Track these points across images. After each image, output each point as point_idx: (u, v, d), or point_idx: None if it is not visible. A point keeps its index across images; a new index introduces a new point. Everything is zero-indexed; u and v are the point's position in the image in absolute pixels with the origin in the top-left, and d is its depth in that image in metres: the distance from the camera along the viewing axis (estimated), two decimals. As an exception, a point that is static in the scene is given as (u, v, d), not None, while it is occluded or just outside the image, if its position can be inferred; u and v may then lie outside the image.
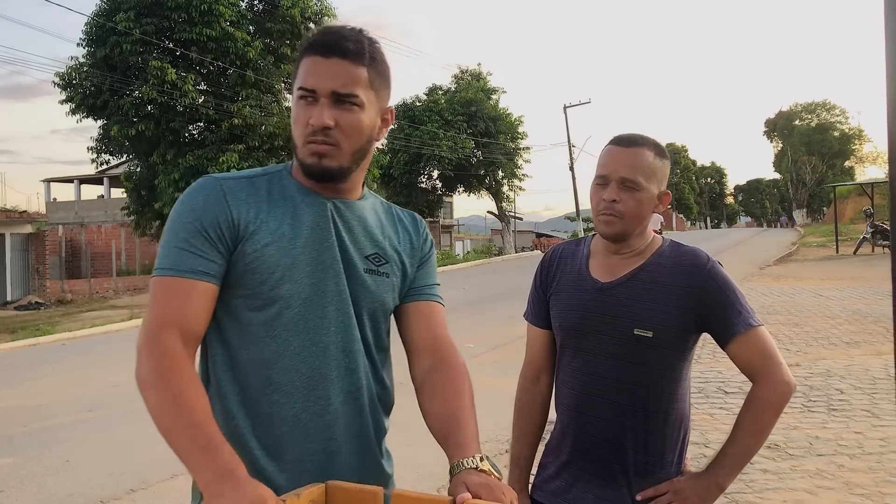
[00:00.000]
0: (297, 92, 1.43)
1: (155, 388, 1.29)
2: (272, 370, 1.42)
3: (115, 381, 8.82)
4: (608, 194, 1.79)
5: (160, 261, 1.38)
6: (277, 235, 1.42)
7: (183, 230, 1.37)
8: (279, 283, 1.41)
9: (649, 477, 1.80)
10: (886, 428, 5.24)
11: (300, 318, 1.43)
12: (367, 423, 1.54)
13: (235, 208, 1.40)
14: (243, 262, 1.40)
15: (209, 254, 1.37)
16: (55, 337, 14.21)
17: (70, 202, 38.22)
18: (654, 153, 1.81)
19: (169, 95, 21.04)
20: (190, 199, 1.41)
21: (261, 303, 1.41)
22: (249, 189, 1.44)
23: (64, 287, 26.09)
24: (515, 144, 40.42)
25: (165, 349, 1.31)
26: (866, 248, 22.88)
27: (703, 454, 4.72)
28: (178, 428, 1.24)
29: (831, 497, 4.12)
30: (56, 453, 5.91)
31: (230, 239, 1.39)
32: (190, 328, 1.35)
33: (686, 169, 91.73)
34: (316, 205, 1.47)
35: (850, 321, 10.11)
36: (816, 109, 79.76)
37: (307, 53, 1.44)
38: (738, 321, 1.74)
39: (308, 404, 1.44)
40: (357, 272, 1.50)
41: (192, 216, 1.38)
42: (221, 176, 1.46)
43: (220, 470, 1.19)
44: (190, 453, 1.22)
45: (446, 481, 4.31)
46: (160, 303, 1.35)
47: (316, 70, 1.41)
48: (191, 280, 1.35)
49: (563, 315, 1.90)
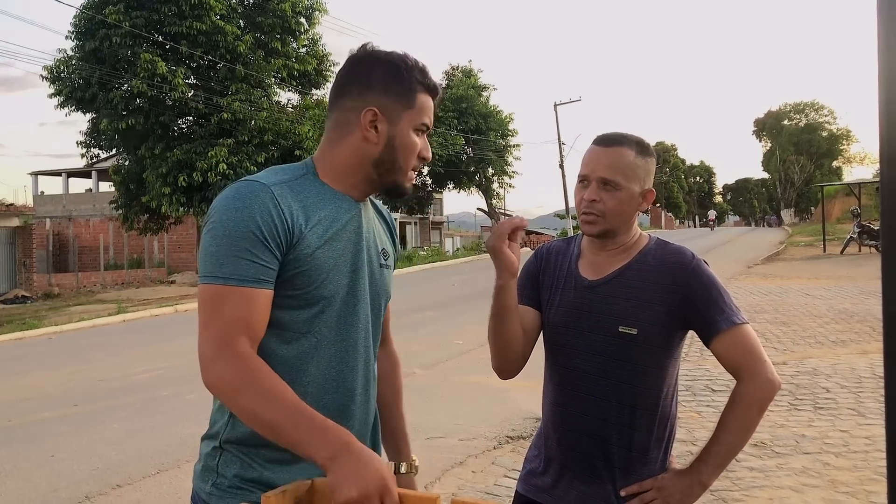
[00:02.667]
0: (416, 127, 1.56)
1: (246, 389, 1.36)
2: (309, 364, 1.50)
3: (102, 376, 8.79)
4: (588, 194, 1.81)
5: (220, 268, 1.40)
6: (324, 240, 1.48)
7: (243, 239, 1.40)
8: (324, 284, 1.48)
9: (634, 473, 1.81)
10: (872, 426, 5.27)
11: (338, 315, 1.52)
12: (373, 413, 1.65)
13: (288, 215, 1.44)
14: (294, 266, 1.45)
15: (269, 262, 1.41)
16: (42, 331, 14.12)
17: (58, 195, 37.99)
18: (635, 152, 1.82)
19: (158, 89, 20.93)
20: (244, 206, 1.42)
21: (305, 302, 1.48)
22: (293, 194, 1.48)
23: (51, 281, 25.92)
24: (506, 141, 40.49)
25: (243, 354, 1.38)
26: (853, 248, 23.02)
27: (689, 451, 4.73)
28: (283, 418, 1.33)
29: (817, 495, 4.14)
30: (41, 448, 5.87)
31: (285, 244, 1.43)
32: (256, 334, 1.42)
33: (675, 168, 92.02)
34: (352, 209, 1.55)
35: (837, 320, 10.17)
36: (805, 109, 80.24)
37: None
38: (722, 319, 1.75)
39: (336, 396, 1.53)
40: (375, 269, 1.62)
41: (250, 224, 1.40)
42: (267, 180, 1.47)
43: (335, 445, 1.30)
44: (301, 437, 1.32)
45: (432, 477, 4.32)
46: (227, 311, 1.39)
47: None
48: (255, 289, 1.40)
49: (552, 312, 1.91)
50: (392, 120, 1.52)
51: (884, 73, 0.82)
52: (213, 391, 1.41)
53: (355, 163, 1.54)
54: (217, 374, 1.38)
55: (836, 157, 76.22)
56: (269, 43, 23.42)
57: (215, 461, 1.49)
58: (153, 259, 32.05)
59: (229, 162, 20.93)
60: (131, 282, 28.08)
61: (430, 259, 33.26)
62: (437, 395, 7.00)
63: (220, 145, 21.38)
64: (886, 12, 0.82)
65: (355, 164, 1.54)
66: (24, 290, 23.57)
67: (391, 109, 1.52)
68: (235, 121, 21.94)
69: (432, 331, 10.86)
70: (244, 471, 1.46)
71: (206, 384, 1.40)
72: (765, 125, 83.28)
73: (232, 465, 1.47)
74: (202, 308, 1.42)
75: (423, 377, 7.80)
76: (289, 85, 24.58)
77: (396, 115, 1.52)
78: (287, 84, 24.53)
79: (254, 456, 1.46)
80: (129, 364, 9.55)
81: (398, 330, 1.85)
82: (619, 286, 1.83)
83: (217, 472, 1.48)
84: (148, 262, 31.55)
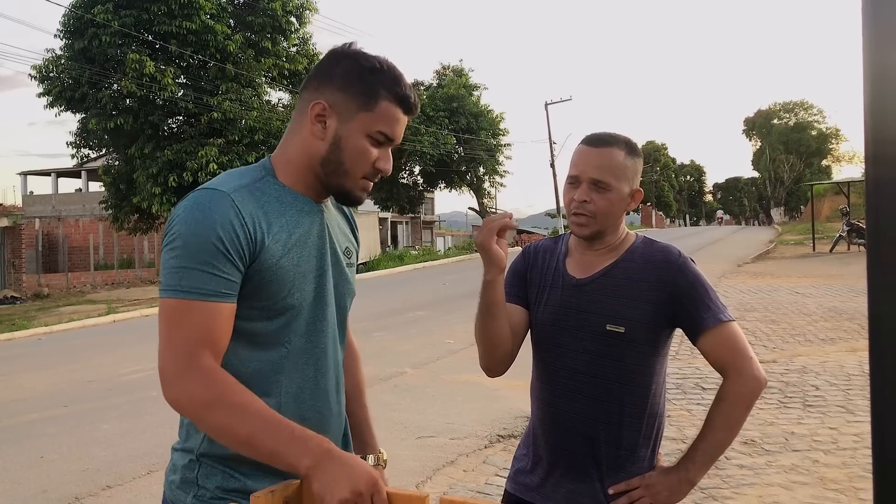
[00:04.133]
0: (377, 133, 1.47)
1: (217, 404, 1.32)
2: (281, 374, 1.46)
3: (92, 377, 8.75)
4: (579, 195, 1.81)
5: (180, 281, 1.34)
6: (288, 248, 1.43)
7: (203, 251, 1.34)
8: (291, 293, 1.44)
9: (622, 471, 1.82)
10: (860, 424, 5.30)
11: (307, 323, 1.48)
12: (344, 416, 1.62)
13: (250, 223, 1.38)
14: (259, 277, 1.40)
15: (231, 274, 1.36)
16: (31, 331, 14.06)
17: (47, 195, 37.81)
18: (624, 152, 1.82)
19: (148, 89, 20.86)
20: (204, 217, 1.36)
21: (273, 312, 1.43)
22: (254, 200, 1.42)
23: (40, 281, 25.81)
24: (497, 141, 40.48)
25: (209, 368, 1.34)
26: (842, 247, 23.12)
27: (679, 449, 4.75)
28: (259, 431, 1.30)
29: (806, 492, 4.16)
30: (30, 449, 5.84)
31: (248, 255, 1.38)
32: (219, 348, 1.37)
33: (665, 167, 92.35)
34: (313, 212, 1.51)
35: (826, 318, 10.22)
36: (794, 109, 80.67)
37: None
38: (708, 316, 1.75)
39: (312, 404, 1.50)
40: (342, 269, 1.58)
41: (211, 235, 1.34)
42: (227, 187, 1.41)
43: (316, 453, 1.28)
44: (280, 449, 1.29)
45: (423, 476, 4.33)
46: (189, 325, 1.34)
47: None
48: (216, 303, 1.35)
49: (539, 311, 1.91)
50: (343, 118, 1.45)
51: (869, 72, 0.83)
52: (179, 409, 1.35)
53: (305, 160, 1.48)
54: (182, 391, 1.33)
55: (826, 155, 76.62)
56: (260, 42, 23.39)
57: (194, 473, 1.44)
58: (143, 259, 31.94)
59: (220, 162, 20.87)
60: (121, 282, 27.98)
61: (421, 258, 33.24)
62: (428, 394, 7.00)
63: (211, 145, 21.33)
64: (871, 12, 0.82)
65: (305, 162, 1.48)
66: (13, 290, 23.45)
67: (344, 107, 1.45)
68: (226, 120, 21.89)
69: (423, 330, 10.85)
70: (226, 482, 1.42)
71: (169, 402, 1.34)
72: (754, 124, 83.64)
73: (213, 476, 1.43)
74: (163, 323, 1.36)
75: (414, 376, 7.80)
76: (279, 84, 24.56)
77: (349, 114, 1.45)
78: (277, 83, 24.50)
79: (235, 466, 1.42)
80: (119, 364, 9.51)
81: (389, 329, 1.85)
82: (607, 285, 1.83)
83: (198, 483, 1.43)
84: (138, 263, 31.44)
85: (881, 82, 0.82)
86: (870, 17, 0.82)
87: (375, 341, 9.81)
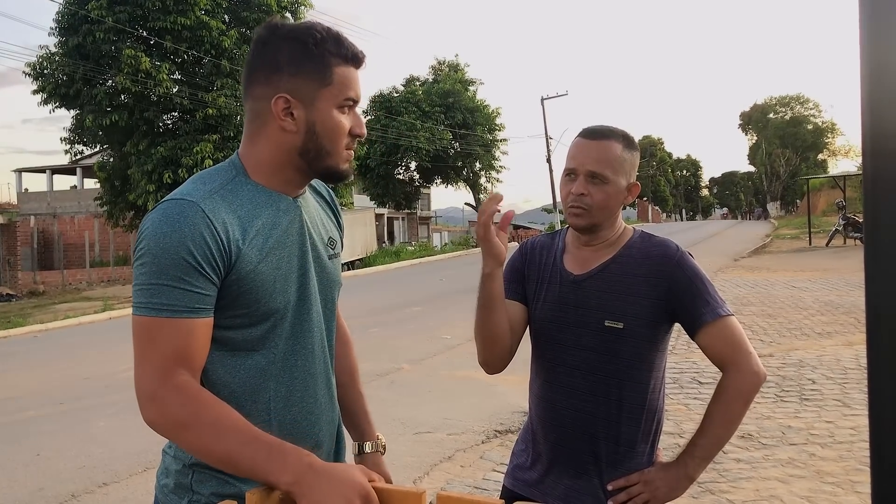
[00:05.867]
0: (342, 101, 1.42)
1: (193, 423, 1.28)
2: (268, 380, 1.42)
3: (87, 374, 8.74)
4: (576, 188, 1.80)
5: (151, 298, 1.30)
6: (266, 251, 1.38)
7: (174, 266, 1.28)
8: (272, 298, 1.39)
9: (621, 467, 1.81)
10: (857, 417, 5.32)
11: (291, 325, 1.44)
12: (337, 410, 1.59)
13: (223, 232, 1.33)
14: (237, 286, 1.35)
15: (205, 288, 1.31)
16: (27, 329, 14.03)
17: (42, 192, 37.70)
18: (622, 145, 1.81)
19: (143, 85, 20.81)
20: (173, 231, 1.29)
21: (256, 319, 1.39)
22: (226, 205, 1.36)
23: (36, 278, 25.76)
24: (493, 136, 40.50)
25: (184, 386, 1.30)
26: (838, 240, 23.18)
27: (677, 444, 4.76)
28: (236, 447, 1.26)
29: (803, 485, 4.17)
30: (27, 446, 5.83)
31: (222, 266, 1.33)
32: (195, 365, 1.33)
33: (662, 161, 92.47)
34: (291, 209, 1.45)
35: (823, 312, 10.24)
36: (790, 103, 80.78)
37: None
38: (706, 311, 1.74)
39: (302, 407, 1.47)
40: (324, 263, 1.53)
41: (181, 250, 1.29)
42: (196, 195, 1.34)
43: (297, 468, 1.23)
44: (259, 466, 1.24)
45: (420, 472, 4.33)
46: (162, 343, 1.30)
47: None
48: (190, 319, 1.31)
49: (537, 307, 1.91)
50: (308, 103, 1.39)
51: (866, 66, 0.82)
52: (157, 428, 1.31)
53: (280, 157, 1.42)
54: (158, 411, 1.29)
55: (822, 150, 76.75)
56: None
57: (188, 479, 1.40)
58: (139, 256, 31.85)
59: (215, 158, 20.84)
60: (117, 279, 27.92)
61: (417, 254, 33.25)
62: (426, 389, 7.00)
63: (206, 141, 21.29)
64: (869, 6, 0.82)
65: (281, 159, 1.42)
66: (8, 287, 23.41)
67: (305, 92, 1.39)
68: (221, 116, 21.85)
69: (420, 326, 10.85)
70: (221, 487, 1.39)
71: (147, 422, 1.31)
72: (751, 119, 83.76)
73: (207, 482, 1.39)
74: (136, 342, 1.32)
75: (412, 372, 7.81)
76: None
77: (312, 97, 1.39)
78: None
79: (229, 473, 1.37)
80: (115, 362, 9.49)
81: (386, 325, 1.85)
82: (604, 280, 1.82)
83: (192, 489, 1.40)
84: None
85: (879, 77, 0.82)
86: (868, 11, 0.82)
87: (372, 337, 9.81)
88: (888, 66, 0.81)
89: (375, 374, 7.43)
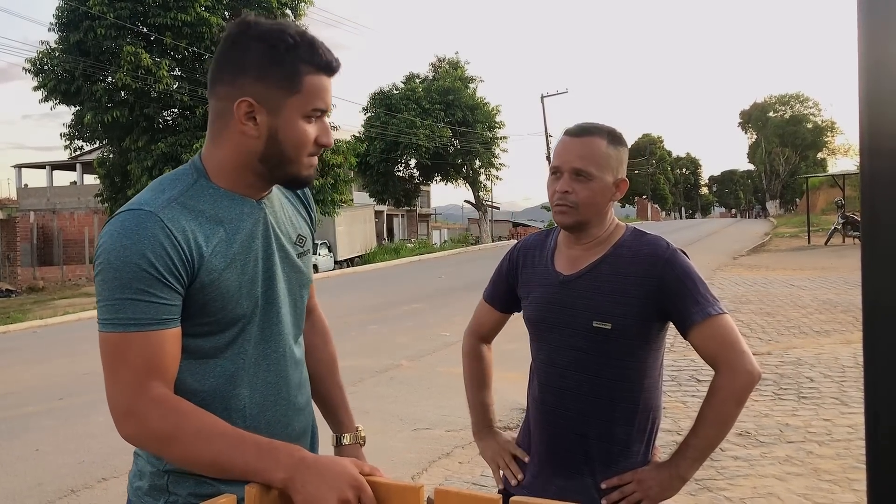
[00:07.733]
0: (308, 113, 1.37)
1: (177, 434, 1.26)
2: (240, 386, 1.40)
3: (87, 370, 8.73)
4: (561, 185, 1.78)
5: (116, 313, 1.26)
6: (229, 258, 1.35)
7: (135, 279, 1.25)
8: (239, 303, 1.37)
9: (615, 467, 1.79)
10: (854, 415, 5.32)
11: (260, 329, 1.42)
12: (311, 408, 1.57)
13: (184, 241, 1.29)
14: (202, 294, 1.32)
15: (170, 299, 1.28)
16: (26, 324, 14.03)
17: (42, 188, 37.66)
18: (607, 141, 1.79)
19: (143, 81, 20.78)
20: (132, 243, 1.25)
21: (223, 325, 1.37)
22: (186, 212, 1.32)
23: (35, 274, 25.76)
24: (493, 133, 40.46)
25: (162, 399, 1.27)
26: (837, 239, 23.17)
27: (675, 442, 4.75)
28: (223, 451, 1.24)
29: (800, 483, 4.18)
30: (26, 442, 5.84)
31: (186, 276, 1.30)
32: (168, 376, 1.30)
33: (661, 159, 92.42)
34: (254, 212, 1.41)
35: (821, 311, 10.24)
36: (790, 101, 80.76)
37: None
38: (697, 310, 1.71)
39: (277, 409, 1.45)
40: (293, 262, 1.49)
41: (141, 262, 1.25)
42: (154, 204, 1.30)
43: (289, 463, 1.22)
44: (251, 465, 1.23)
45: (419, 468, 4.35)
46: (133, 358, 1.27)
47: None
48: (158, 331, 1.28)
49: (530, 308, 1.90)
50: (272, 110, 1.33)
51: (865, 65, 0.83)
52: (137, 443, 1.30)
53: (240, 160, 1.37)
54: (138, 427, 1.27)
55: (821, 148, 76.73)
56: (255, 34, 23.28)
57: (164, 481, 1.37)
58: (139, 252, 31.84)
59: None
60: (117, 275, 27.85)
61: (417, 251, 33.25)
62: (424, 386, 7.00)
63: (205, 138, 21.26)
64: (867, 4, 0.82)
65: (242, 162, 1.37)
66: (8, 283, 23.41)
67: (270, 98, 1.33)
68: (221, 113, 21.79)
69: (419, 323, 10.86)
70: (199, 487, 1.35)
71: (125, 437, 1.28)
72: (750, 117, 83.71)
73: (184, 483, 1.36)
74: (106, 359, 1.29)
75: (410, 369, 7.80)
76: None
77: (277, 104, 1.33)
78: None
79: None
80: (114, 357, 9.50)
81: (385, 322, 1.85)
82: (593, 280, 1.80)
83: (168, 490, 1.37)
84: (133, 255, 31.35)
85: (877, 75, 0.82)
86: (866, 10, 0.83)
87: (371, 334, 9.81)
88: (886, 64, 0.81)
89: (374, 370, 7.42)
